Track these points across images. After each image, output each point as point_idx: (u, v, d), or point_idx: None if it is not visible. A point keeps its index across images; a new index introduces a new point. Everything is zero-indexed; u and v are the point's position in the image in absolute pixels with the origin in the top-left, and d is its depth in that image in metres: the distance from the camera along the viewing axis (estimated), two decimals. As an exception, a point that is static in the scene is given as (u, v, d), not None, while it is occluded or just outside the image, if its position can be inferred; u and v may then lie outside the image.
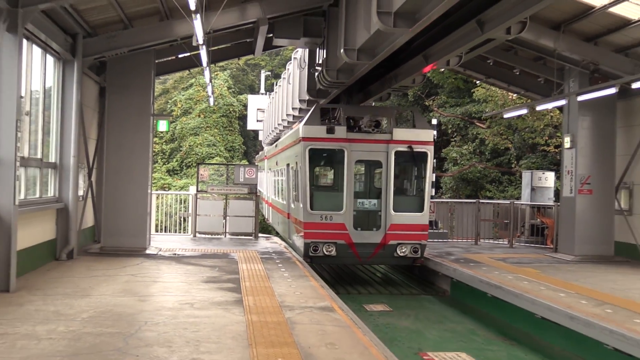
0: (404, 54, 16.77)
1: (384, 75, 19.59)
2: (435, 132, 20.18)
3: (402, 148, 18.02)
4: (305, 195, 17.88)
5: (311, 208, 17.84)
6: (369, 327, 10.01)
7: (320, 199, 18.34)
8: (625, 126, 19.96)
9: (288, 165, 22.17)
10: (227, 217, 22.97)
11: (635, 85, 16.64)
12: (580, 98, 19.10)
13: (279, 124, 31.64)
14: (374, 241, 17.90)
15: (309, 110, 21.91)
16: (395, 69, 18.53)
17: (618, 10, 16.18)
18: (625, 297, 13.02)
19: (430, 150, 18.38)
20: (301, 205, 18.28)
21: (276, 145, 28.90)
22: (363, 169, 20.45)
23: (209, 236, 22.76)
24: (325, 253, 17.71)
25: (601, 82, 18.58)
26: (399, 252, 17.97)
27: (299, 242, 18.88)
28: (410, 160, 18.68)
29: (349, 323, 10.00)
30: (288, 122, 28.04)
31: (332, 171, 22.09)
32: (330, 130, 17.66)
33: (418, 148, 18.14)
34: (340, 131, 17.84)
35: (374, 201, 18.54)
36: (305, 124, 18.34)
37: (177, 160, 49.89)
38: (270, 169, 32.28)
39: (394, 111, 19.09)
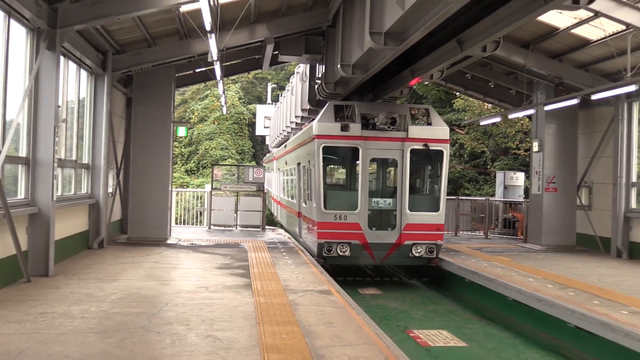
0: (394, 68, 16.69)
1: (376, 87, 19.37)
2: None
3: (418, 146, 15.82)
4: (319, 194, 15.64)
5: (325, 207, 15.59)
6: (362, 308, 10.01)
7: (334, 198, 16.07)
8: (585, 133, 20.01)
9: (299, 164, 19.83)
10: (238, 212, 22.98)
11: (594, 97, 16.68)
12: (547, 108, 19.18)
13: (283, 130, 31.61)
14: (389, 241, 15.70)
15: (310, 118, 21.90)
16: (386, 81, 18.45)
17: (579, 31, 16.21)
18: (585, 282, 13.03)
19: (446, 149, 16.13)
20: (314, 205, 16.05)
21: (285, 146, 26.28)
22: (378, 167, 17.72)
23: (222, 228, 22.76)
24: (340, 253, 15.55)
25: (565, 94, 18.61)
26: (414, 252, 15.76)
27: (311, 242, 16.69)
28: (426, 159, 16.54)
29: (345, 304, 10.01)
30: (291, 128, 27.92)
31: (346, 170, 19.69)
32: (344, 128, 15.54)
33: (434, 146, 15.93)
34: (355, 128, 15.64)
35: (389, 200, 16.14)
36: (319, 121, 15.96)
37: (194, 162, 49.87)
38: (279, 169, 29.33)
39: (408, 108, 16.57)
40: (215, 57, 14.82)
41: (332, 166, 20.40)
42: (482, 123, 27.51)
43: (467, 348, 10.86)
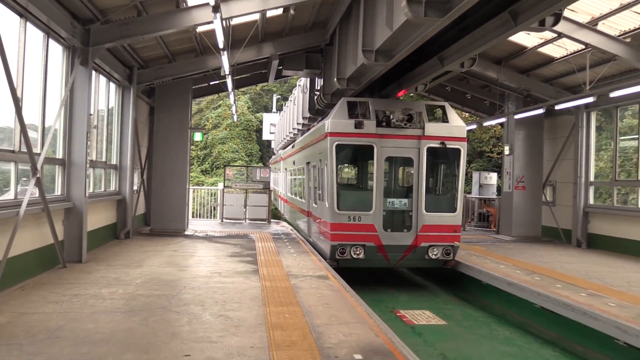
0: (383, 81, 16.61)
1: (369, 97, 19.16)
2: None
3: (435, 144, 13.60)
4: (332, 195, 13.40)
5: (338, 208, 13.34)
6: (354, 291, 10.02)
7: (347, 199, 13.87)
8: (550, 138, 20.04)
9: (308, 163, 17.46)
10: (247, 207, 22.98)
11: (557, 107, 16.76)
12: (517, 116, 19.22)
13: (287, 135, 31.52)
14: (405, 243, 13.48)
15: (310, 125, 21.69)
16: (376, 93, 18.38)
17: (545, 50, 16.25)
18: (549, 268, 13.06)
19: (463, 147, 13.82)
20: (327, 205, 13.74)
21: (293, 146, 23.82)
22: (393, 166, 15.14)
23: (233, 221, 22.75)
24: (353, 256, 13.26)
25: (532, 104, 18.68)
26: (430, 254, 13.51)
27: (323, 243, 14.28)
28: (443, 157, 14.23)
29: (340, 288, 10.02)
30: (294, 134, 27.80)
31: (360, 169, 17.37)
32: (358, 125, 13.27)
33: (451, 144, 13.70)
34: (370, 126, 13.38)
35: (405, 201, 13.78)
36: (332, 118, 13.64)
37: (208, 163, 49.79)
38: (286, 169, 26.58)
39: (424, 105, 14.23)
40: (227, 72, 14.85)
41: (345, 165, 17.84)
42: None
43: (446, 326, 10.88)
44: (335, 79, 15.01)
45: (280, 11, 14.39)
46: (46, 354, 6.00)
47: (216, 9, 9.82)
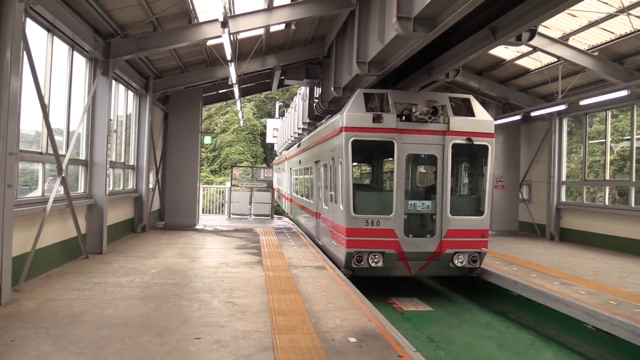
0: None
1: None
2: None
3: (461, 140, 11.34)
4: (347, 196, 11.08)
5: (354, 211, 11.04)
6: (350, 281, 10.02)
7: (364, 201, 11.56)
8: (526, 142, 20.05)
9: (317, 162, 15.09)
10: (252, 203, 22.96)
11: (533, 114, 16.81)
12: (496, 122, 19.00)
13: (288, 139, 31.53)
14: (428, 250, 11.27)
15: (310, 130, 21.30)
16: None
17: (521, 62, 16.26)
18: (525, 259, 13.07)
19: (491, 144, 11.55)
20: (341, 208, 11.40)
21: (299, 145, 21.14)
22: (414, 164, 12.43)
23: (239, 217, 22.73)
24: (371, 264, 11.04)
25: (510, 111, 18.69)
26: (455, 262, 11.31)
27: (337, 250, 11.93)
28: (470, 155, 11.93)
29: (337, 277, 10.03)
30: (295, 138, 27.74)
31: (379, 167, 14.55)
32: (377, 119, 11.02)
33: (478, 141, 11.42)
34: (389, 120, 11.07)
35: (428, 203, 11.47)
36: (347, 112, 11.22)
37: (217, 164, 49.72)
38: (291, 169, 24.22)
39: (448, 98, 11.87)
40: (234, 81, 14.87)
41: (362, 163, 15.34)
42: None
43: (433, 312, 10.87)
44: (332, 88, 15.05)
45: (282, 27, 14.40)
46: (70, 336, 6.00)
47: (224, 24, 9.83)
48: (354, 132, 11.12)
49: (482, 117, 11.67)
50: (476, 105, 11.85)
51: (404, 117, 11.42)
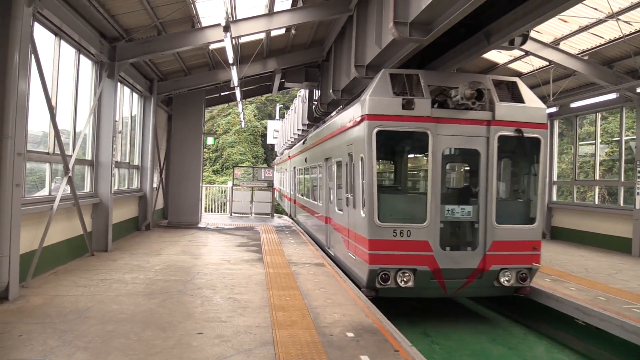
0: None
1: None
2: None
3: (509, 132, 8.99)
4: (371, 200, 8.73)
5: (379, 219, 8.70)
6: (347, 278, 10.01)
7: (392, 206, 9.19)
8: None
9: (327, 159, 12.89)
10: (253, 202, 22.96)
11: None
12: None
13: (288, 139, 31.53)
14: (469, 266, 8.94)
15: (309, 131, 20.94)
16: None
17: (514, 66, 16.25)
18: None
19: (544, 136, 9.22)
20: (362, 214, 9.10)
21: (304, 142, 18.87)
22: (452, 161, 10.27)
23: (241, 215, 22.72)
24: (400, 284, 8.72)
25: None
26: (501, 280, 9.06)
27: (356, 265, 9.57)
28: (519, 150, 9.39)
29: (335, 274, 10.01)
30: (294, 139, 27.69)
31: (409, 165, 11.58)
32: (408, 105, 8.67)
33: (529, 132, 9.07)
34: (422, 106, 8.74)
35: (469, 208, 9.09)
36: (371, 95, 8.86)
37: (219, 164, 49.71)
38: (294, 168, 22.08)
39: (490, 80, 9.43)
40: (236, 84, 14.84)
41: (388, 160, 11.82)
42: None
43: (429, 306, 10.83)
44: (331, 90, 15.04)
45: (283, 31, 14.40)
46: (76, 331, 5.99)
47: (226, 29, 9.82)
48: (379, 121, 8.78)
49: (533, 104, 9.34)
50: (525, 90, 9.54)
51: (443, 104, 9.02)
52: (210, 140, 22.00)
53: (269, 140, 50.33)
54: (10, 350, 5.35)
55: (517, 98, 9.36)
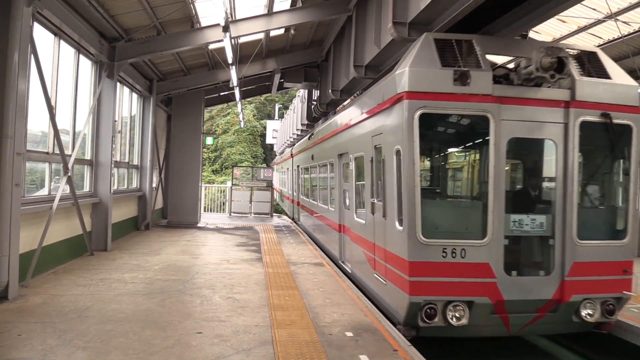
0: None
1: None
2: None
3: (593, 117, 6.84)
4: (413, 208, 6.52)
5: (424, 234, 6.50)
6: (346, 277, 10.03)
7: (439, 216, 7.05)
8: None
9: (342, 155, 10.86)
10: (252, 202, 22.95)
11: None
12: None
13: (287, 140, 31.53)
14: (541, 296, 6.74)
15: (308, 131, 20.62)
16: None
17: (513, 65, 16.23)
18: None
19: (636, 123, 7.00)
20: (399, 227, 6.86)
21: (310, 137, 16.72)
22: (519, 155, 7.75)
23: (240, 215, 22.71)
24: (450, 321, 6.49)
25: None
26: (582, 314, 6.85)
27: (390, 294, 7.30)
28: (605, 141, 7.07)
29: (334, 274, 10.02)
30: (294, 139, 27.63)
31: (462, 161, 8.49)
32: (461, 79, 6.52)
33: (619, 118, 6.91)
34: (481, 81, 6.61)
35: (541, 219, 6.86)
36: (411, 66, 6.65)
37: (218, 164, 49.69)
38: (298, 166, 20.00)
39: (565, 50, 6.85)
40: (235, 84, 14.85)
41: (433, 154, 8.34)
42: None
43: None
44: (330, 91, 15.04)
45: (282, 31, 14.39)
46: (76, 330, 6.00)
47: (226, 29, 9.82)
48: (424, 101, 6.51)
49: (621, 80, 7.15)
50: (608, 63, 7.35)
51: (508, 78, 6.94)
52: (209, 140, 22.03)
53: (268, 140, 50.37)
54: (9, 350, 5.36)
55: (601, 73, 7.16)
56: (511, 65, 7.54)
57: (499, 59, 12.91)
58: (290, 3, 12.67)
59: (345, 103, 13.53)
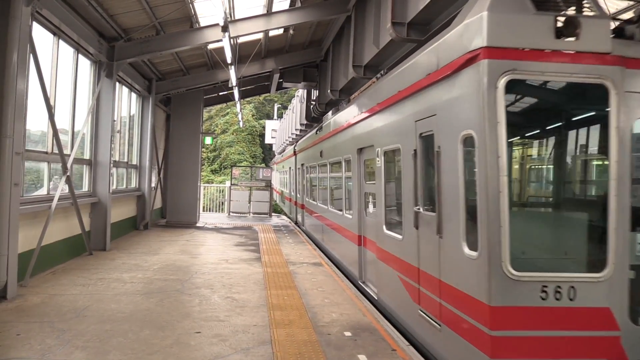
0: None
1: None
2: None
3: None
4: (495, 226, 4.17)
5: (514, 265, 4.13)
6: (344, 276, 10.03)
7: (535, 238, 4.64)
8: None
9: (362, 150, 9.02)
10: (251, 202, 22.96)
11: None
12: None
13: (286, 140, 31.49)
14: None
15: (307, 131, 20.36)
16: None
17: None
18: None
19: None
20: (468, 251, 4.58)
21: (318, 131, 14.77)
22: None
23: (239, 215, 22.72)
24: None
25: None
26: None
27: (449, 345, 4.97)
28: None
29: (332, 274, 10.03)
30: (292, 139, 27.59)
31: (563, 154, 4.90)
32: (568, 29, 4.09)
33: None
34: (596, 32, 4.20)
35: None
36: (489, 10, 4.22)
37: (217, 164, 49.68)
38: (303, 165, 18.08)
39: None
40: (234, 84, 14.86)
41: (524, 143, 5.14)
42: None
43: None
44: (329, 91, 15.03)
45: (281, 31, 14.39)
46: (74, 330, 6.00)
47: (225, 29, 9.82)
48: (512, 61, 4.37)
49: None
50: None
51: (617, 32, 4.84)
52: (208, 140, 22.06)
53: (267, 140, 50.34)
54: (8, 349, 5.36)
55: None
56: (625, 17, 5.41)
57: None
58: (289, 3, 12.67)
59: (363, 88, 11.24)
